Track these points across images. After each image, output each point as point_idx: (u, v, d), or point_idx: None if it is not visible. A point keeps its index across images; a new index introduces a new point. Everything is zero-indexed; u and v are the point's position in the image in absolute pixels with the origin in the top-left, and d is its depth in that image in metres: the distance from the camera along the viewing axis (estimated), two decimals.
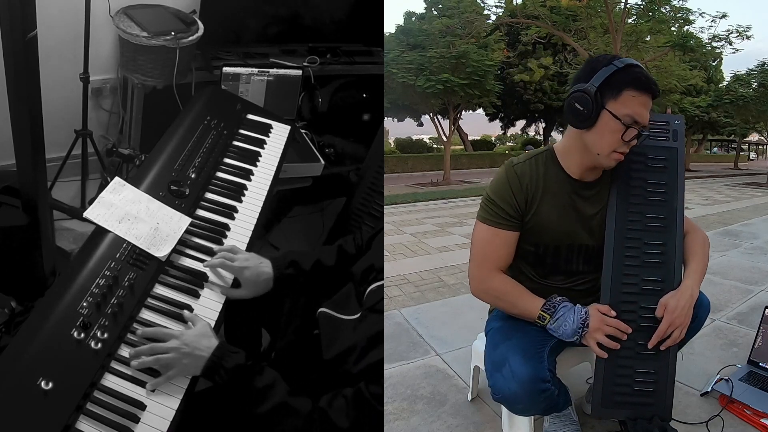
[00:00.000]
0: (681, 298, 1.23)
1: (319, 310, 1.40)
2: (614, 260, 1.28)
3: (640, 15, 12.36)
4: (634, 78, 1.18)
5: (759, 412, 1.53)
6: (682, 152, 1.36)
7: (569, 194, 1.31)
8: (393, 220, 6.14)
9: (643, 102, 1.19)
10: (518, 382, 1.17)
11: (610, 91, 1.18)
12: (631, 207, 1.31)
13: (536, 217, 1.30)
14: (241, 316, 1.52)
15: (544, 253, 1.34)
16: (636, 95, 1.18)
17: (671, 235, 1.30)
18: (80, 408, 1.04)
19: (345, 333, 1.29)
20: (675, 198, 1.31)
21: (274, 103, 2.34)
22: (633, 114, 1.18)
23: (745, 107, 14.72)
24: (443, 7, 16.20)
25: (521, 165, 1.31)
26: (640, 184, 1.32)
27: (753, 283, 3.04)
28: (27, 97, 1.46)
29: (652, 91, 1.19)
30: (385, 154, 4.38)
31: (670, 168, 1.33)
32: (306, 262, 1.47)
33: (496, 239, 1.31)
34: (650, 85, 1.19)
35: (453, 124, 13.66)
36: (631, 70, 1.18)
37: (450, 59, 11.74)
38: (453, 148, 16.51)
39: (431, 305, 2.78)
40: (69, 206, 2.40)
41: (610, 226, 1.30)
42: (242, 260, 1.42)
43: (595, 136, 1.22)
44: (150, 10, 2.32)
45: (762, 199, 8.53)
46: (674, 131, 1.36)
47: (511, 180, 1.29)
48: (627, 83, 1.17)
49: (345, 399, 1.12)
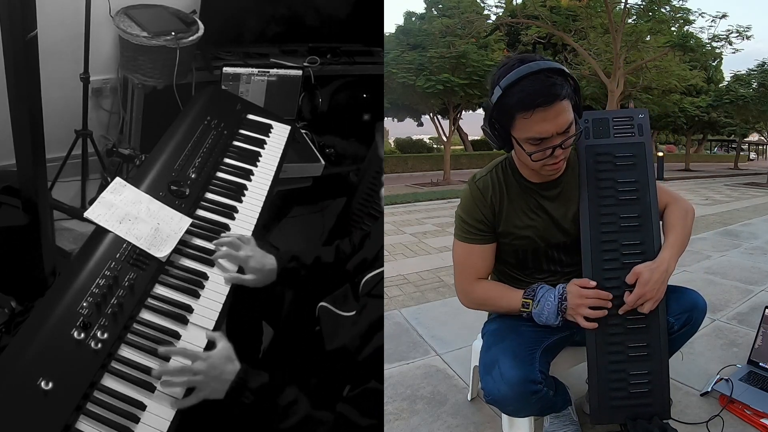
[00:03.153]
0: (655, 271, 1.22)
1: (319, 304, 1.44)
2: (593, 266, 1.27)
3: (640, 15, 12.35)
4: (518, 100, 1.09)
5: (759, 412, 1.52)
6: (650, 146, 1.33)
7: (533, 197, 1.31)
8: (393, 220, 6.14)
9: (540, 118, 1.10)
10: (507, 384, 1.17)
11: (503, 119, 1.15)
12: (603, 209, 1.28)
13: (507, 225, 1.30)
14: (243, 311, 1.53)
15: (524, 257, 1.35)
16: (527, 115, 1.10)
17: (648, 233, 1.28)
18: (80, 408, 1.04)
19: (345, 328, 1.33)
20: (647, 194, 1.29)
21: (275, 103, 2.34)
22: (534, 135, 1.12)
23: (745, 107, 14.72)
24: (443, 7, 16.17)
25: (483, 179, 1.32)
26: (610, 185, 1.29)
27: (753, 283, 3.04)
28: (27, 97, 1.46)
29: (544, 103, 1.08)
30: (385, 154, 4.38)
31: (638, 164, 1.30)
32: (307, 258, 1.51)
33: (473, 254, 1.34)
34: (538, 98, 1.08)
35: (453, 124, 13.67)
36: (513, 90, 1.10)
37: (450, 59, 11.74)
38: (453, 148, 16.50)
39: (431, 305, 2.78)
40: (69, 206, 2.40)
41: (584, 233, 1.28)
42: (247, 250, 1.46)
43: (518, 156, 1.24)
44: (150, 10, 2.32)
45: (762, 199, 8.52)
46: (639, 125, 1.33)
47: (475, 196, 1.31)
48: (513, 107, 1.11)
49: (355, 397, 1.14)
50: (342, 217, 2.48)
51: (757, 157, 33.07)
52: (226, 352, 1.19)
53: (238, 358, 1.19)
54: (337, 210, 2.58)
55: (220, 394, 1.13)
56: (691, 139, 22.12)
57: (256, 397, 1.13)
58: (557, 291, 1.26)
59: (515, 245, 1.33)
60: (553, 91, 1.09)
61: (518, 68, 1.11)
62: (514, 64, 1.12)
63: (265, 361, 1.57)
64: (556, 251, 1.34)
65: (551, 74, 1.10)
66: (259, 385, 1.15)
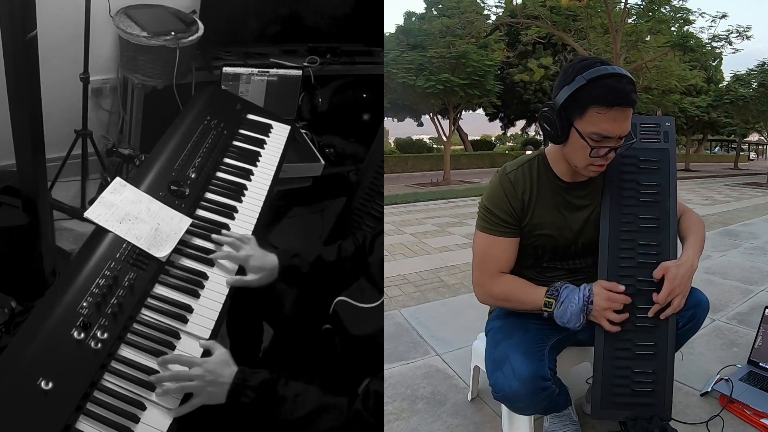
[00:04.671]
0: (682, 267, 1.23)
1: (337, 299, 1.44)
2: (609, 263, 1.29)
3: (640, 15, 12.37)
4: (599, 94, 1.12)
5: (759, 412, 1.52)
6: (674, 153, 1.37)
7: (562, 196, 1.32)
8: (393, 220, 6.14)
9: (613, 117, 1.13)
10: (519, 380, 1.17)
11: (575, 109, 1.16)
12: (624, 209, 1.31)
13: (532, 221, 1.31)
14: (243, 310, 1.53)
15: (542, 254, 1.35)
16: (603, 111, 1.13)
17: (665, 235, 1.30)
18: (80, 408, 1.04)
19: (366, 318, 1.34)
20: (668, 198, 1.32)
21: (274, 103, 2.34)
22: (600, 131, 1.15)
23: (745, 107, 14.72)
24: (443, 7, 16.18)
25: (515, 172, 1.32)
26: (632, 186, 1.32)
27: (753, 283, 3.04)
28: (27, 97, 1.46)
29: (624, 104, 1.13)
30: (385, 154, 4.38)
31: (662, 169, 1.33)
32: (309, 255, 1.50)
33: (496, 247, 1.32)
34: (619, 98, 1.13)
35: (453, 124, 13.67)
36: (597, 84, 1.13)
37: (450, 59, 11.74)
38: (453, 148, 16.51)
39: (431, 305, 2.78)
40: (69, 206, 2.40)
41: (603, 230, 1.30)
42: (248, 249, 1.45)
43: (569, 150, 1.23)
44: (150, 10, 2.32)
45: (762, 199, 8.53)
46: (665, 132, 1.36)
47: (506, 188, 1.30)
48: (592, 100, 1.13)
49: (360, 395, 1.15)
50: (342, 217, 2.48)
51: (757, 157, 33.07)
52: (222, 357, 1.19)
53: (238, 359, 1.18)
54: (337, 210, 2.58)
55: (220, 398, 1.13)
56: (691, 139, 22.13)
57: (257, 394, 1.13)
58: (582, 292, 1.24)
59: (535, 243, 1.33)
60: (632, 96, 1.14)
61: (601, 66, 1.15)
62: (596, 62, 1.16)
63: (266, 360, 1.57)
64: (574, 251, 1.35)
65: (630, 82, 1.15)
66: (260, 382, 1.14)
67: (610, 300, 1.23)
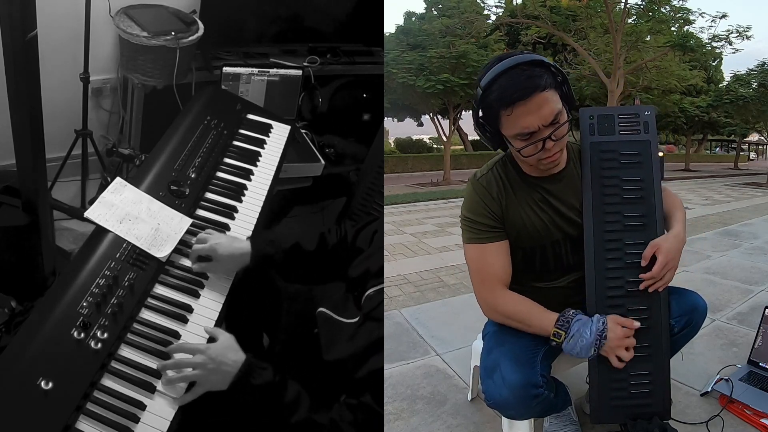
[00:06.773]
0: (673, 241, 1.23)
1: (318, 309, 1.39)
2: (596, 265, 1.26)
3: (640, 15, 12.37)
4: (497, 97, 1.10)
5: (759, 412, 1.52)
6: (655, 144, 1.32)
7: (537, 191, 1.29)
8: (393, 220, 6.14)
9: (521, 112, 1.09)
10: (509, 388, 1.16)
11: (489, 117, 1.15)
12: (607, 208, 1.27)
13: (513, 220, 1.28)
14: (242, 320, 1.52)
15: (532, 255, 1.32)
16: (509, 111, 1.10)
17: (652, 234, 1.27)
18: (80, 408, 1.04)
19: (344, 337, 1.28)
20: (652, 195, 1.28)
21: (274, 103, 2.34)
22: (520, 130, 1.12)
23: (745, 107, 14.72)
24: (443, 7, 16.19)
25: (485, 176, 1.30)
26: (615, 183, 1.28)
27: (753, 283, 3.04)
28: (27, 97, 1.46)
29: (524, 96, 1.08)
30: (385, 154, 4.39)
31: (644, 163, 1.29)
32: (285, 242, 1.44)
33: (488, 254, 1.28)
34: (515, 93, 1.08)
35: (453, 124, 13.67)
36: (492, 88, 1.10)
37: (450, 59, 11.74)
38: (453, 148, 16.50)
39: (431, 305, 2.78)
40: (69, 206, 2.40)
41: (588, 231, 1.26)
42: (212, 239, 1.42)
43: (514, 152, 1.22)
44: (150, 10, 2.32)
45: (762, 199, 8.53)
46: (645, 122, 1.31)
47: (480, 193, 1.29)
48: (495, 104, 1.11)
49: (350, 409, 1.13)
50: (342, 217, 2.48)
51: (757, 157, 33.08)
52: (227, 342, 1.19)
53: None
54: (337, 210, 2.58)
55: (223, 385, 1.12)
56: (691, 139, 22.13)
57: (260, 392, 1.13)
58: (595, 326, 1.19)
59: (522, 243, 1.30)
60: (530, 83, 1.08)
61: (495, 66, 1.11)
62: (493, 63, 1.13)
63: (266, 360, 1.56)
64: (562, 247, 1.31)
65: (527, 67, 1.09)
66: (263, 382, 1.13)
67: (624, 337, 1.21)
